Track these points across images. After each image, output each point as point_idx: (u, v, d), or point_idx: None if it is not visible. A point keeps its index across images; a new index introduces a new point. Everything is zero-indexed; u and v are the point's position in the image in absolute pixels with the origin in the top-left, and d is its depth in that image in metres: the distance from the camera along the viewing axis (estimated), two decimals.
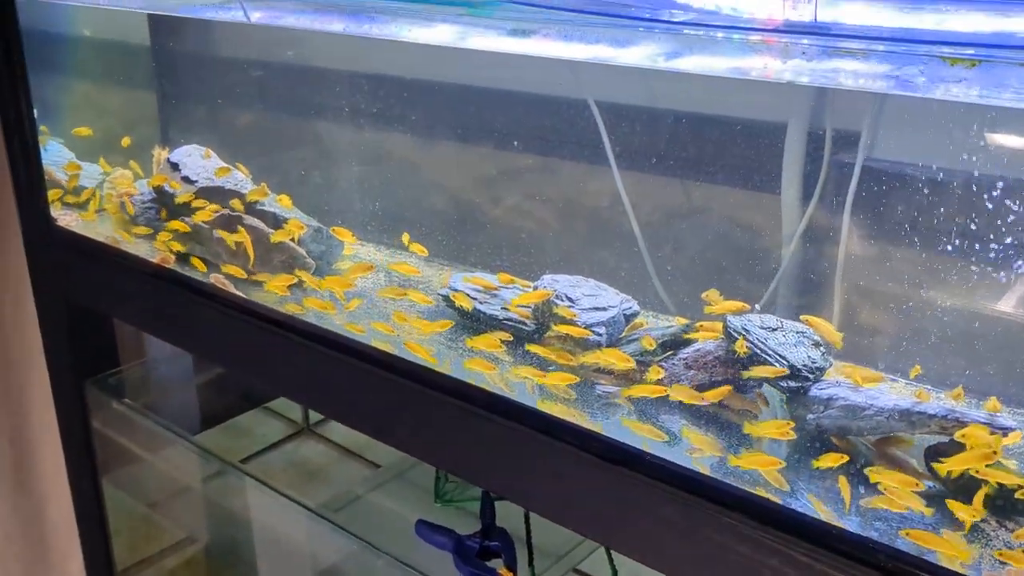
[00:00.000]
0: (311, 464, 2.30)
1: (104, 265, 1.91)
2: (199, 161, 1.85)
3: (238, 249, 1.70)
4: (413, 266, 1.68)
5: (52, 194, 2.03)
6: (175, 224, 1.77)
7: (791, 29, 1.07)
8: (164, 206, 1.89)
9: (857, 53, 1.06)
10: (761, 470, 1.14)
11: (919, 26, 1.04)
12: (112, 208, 1.99)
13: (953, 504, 1.06)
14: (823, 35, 1.06)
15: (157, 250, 1.83)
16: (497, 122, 1.68)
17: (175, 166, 1.87)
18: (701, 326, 1.36)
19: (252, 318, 1.62)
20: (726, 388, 1.26)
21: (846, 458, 1.13)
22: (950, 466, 1.07)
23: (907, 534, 1.03)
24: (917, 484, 1.08)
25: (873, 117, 1.28)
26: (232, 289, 1.68)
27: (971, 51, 0.99)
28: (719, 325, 1.32)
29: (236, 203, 1.75)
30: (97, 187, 2.09)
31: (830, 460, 1.13)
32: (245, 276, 1.68)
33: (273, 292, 1.64)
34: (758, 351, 1.23)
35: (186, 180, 1.83)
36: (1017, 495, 1.05)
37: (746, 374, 1.24)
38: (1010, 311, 1.19)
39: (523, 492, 1.37)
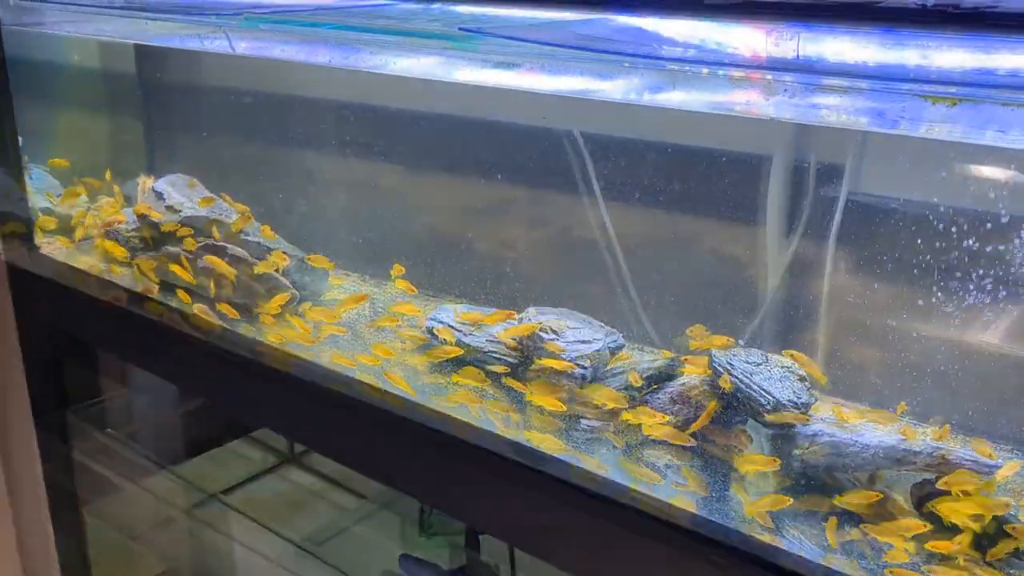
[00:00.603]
0: (296, 494, 2.28)
1: (87, 294, 1.89)
2: (183, 190, 1.84)
3: (221, 279, 1.69)
4: (413, 305, 1.65)
5: (38, 222, 2.01)
6: (175, 268, 1.75)
7: (774, 66, 1.07)
8: (149, 235, 1.88)
9: (839, 90, 1.06)
10: (757, 513, 1.13)
11: (902, 63, 1.04)
12: (97, 236, 1.98)
13: (938, 544, 1.05)
14: (806, 72, 1.05)
15: (140, 280, 1.81)
16: (482, 154, 1.67)
17: (159, 195, 1.85)
18: (687, 360, 1.35)
19: (234, 349, 1.60)
20: (708, 411, 1.24)
21: (880, 495, 1.11)
22: (948, 511, 1.06)
23: (891, 573, 1.03)
24: (924, 526, 1.06)
25: (857, 151, 1.28)
26: (215, 320, 1.67)
27: (953, 89, 0.99)
28: (704, 359, 1.31)
29: (215, 232, 1.73)
30: (86, 212, 2.08)
31: (860, 497, 1.11)
32: (239, 317, 1.66)
33: (265, 323, 1.63)
34: (743, 387, 1.22)
35: (170, 209, 1.81)
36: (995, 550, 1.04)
37: (770, 417, 1.21)
38: (995, 344, 1.19)
39: (505, 527, 1.35)
